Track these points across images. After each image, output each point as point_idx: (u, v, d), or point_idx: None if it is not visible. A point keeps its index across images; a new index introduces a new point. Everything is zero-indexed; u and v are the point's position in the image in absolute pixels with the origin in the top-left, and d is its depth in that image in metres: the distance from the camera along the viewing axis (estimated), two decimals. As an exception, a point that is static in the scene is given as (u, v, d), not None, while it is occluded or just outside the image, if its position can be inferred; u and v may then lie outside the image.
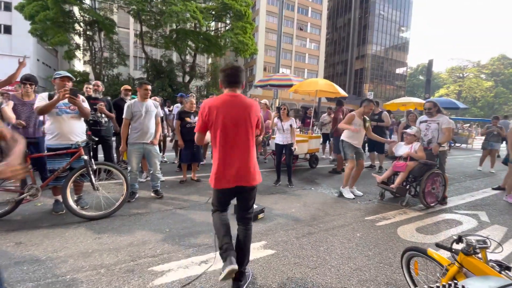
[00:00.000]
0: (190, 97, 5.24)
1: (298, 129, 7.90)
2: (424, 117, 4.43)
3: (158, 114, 3.96)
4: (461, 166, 8.48)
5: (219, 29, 27.74)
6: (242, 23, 22.53)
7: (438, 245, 1.63)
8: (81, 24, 22.05)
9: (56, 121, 3.01)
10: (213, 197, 2.07)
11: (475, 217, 3.77)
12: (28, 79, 3.47)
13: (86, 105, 3.20)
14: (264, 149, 7.26)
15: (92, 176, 3.04)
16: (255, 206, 3.35)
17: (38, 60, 27.57)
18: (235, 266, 1.74)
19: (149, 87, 3.85)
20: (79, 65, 32.82)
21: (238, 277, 1.90)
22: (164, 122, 6.48)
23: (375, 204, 4.20)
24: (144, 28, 23.92)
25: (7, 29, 26.09)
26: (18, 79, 3.62)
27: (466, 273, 1.45)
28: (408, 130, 4.25)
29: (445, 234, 3.14)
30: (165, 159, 6.62)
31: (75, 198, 3.31)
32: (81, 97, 3.14)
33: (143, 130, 3.74)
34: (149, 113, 3.80)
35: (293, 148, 4.93)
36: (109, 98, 5.19)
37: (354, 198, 4.34)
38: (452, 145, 15.14)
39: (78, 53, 23.79)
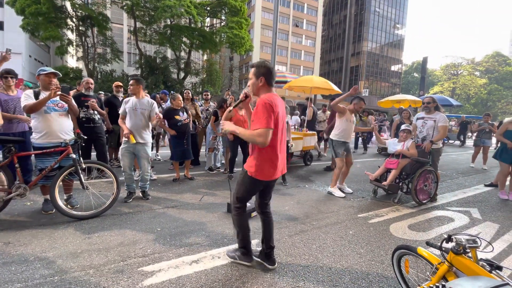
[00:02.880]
0: (176, 94, 5.12)
1: (294, 127, 7.85)
2: (421, 114, 4.43)
3: (153, 112, 3.71)
4: (453, 163, 8.56)
5: (214, 25, 27.46)
6: (237, 18, 22.28)
7: (429, 244, 1.63)
8: (74, 19, 21.60)
9: (44, 119, 2.93)
10: (248, 190, 2.12)
11: (467, 214, 3.80)
12: (9, 72, 3.36)
13: (73, 102, 3.14)
14: None
15: (81, 175, 2.98)
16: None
17: (30, 56, 27.03)
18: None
19: (134, 81, 3.60)
20: (72, 61, 32.25)
21: (272, 248, 2.26)
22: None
23: (368, 201, 4.21)
24: (138, 24, 23.56)
25: (-1, 25, 25.47)
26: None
27: (456, 272, 1.45)
28: (405, 127, 4.25)
29: (437, 231, 3.16)
30: (158, 157, 6.56)
31: (65, 197, 3.26)
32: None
33: (133, 129, 3.58)
34: (140, 111, 3.60)
35: (289, 144, 4.93)
36: (102, 93, 5.10)
37: (345, 196, 4.33)
38: (446, 142, 15.32)
39: (71, 49, 23.34)
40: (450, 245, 1.48)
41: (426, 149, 4.07)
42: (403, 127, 4.28)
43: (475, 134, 8.06)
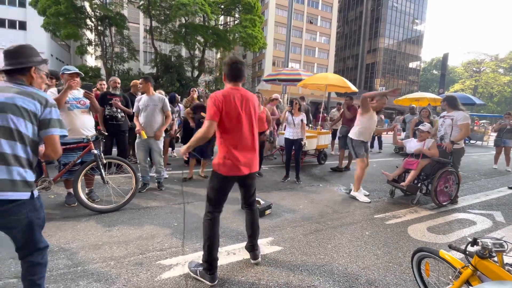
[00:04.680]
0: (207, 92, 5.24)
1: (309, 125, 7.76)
2: (444, 113, 4.30)
3: (165, 107, 3.93)
4: (475, 164, 8.22)
5: (228, 23, 27.56)
6: (251, 16, 22.26)
7: (451, 247, 1.57)
8: (93, 19, 22.29)
9: (68, 116, 3.06)
10: (215, 187, 2.04)
11: (490, 217, 3.65)
12: (51, 73, 3.71)
13: (95, 99, 3.28)
14: (271, 145, 7.23)
15: (102, 170, 3.09)
16: (262, 202, 3.35)
17: (52, 55, 28.17)
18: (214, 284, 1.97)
19: (143, 80, 3.84)
20: (91, 60, 33.33)
21: (254, 246, 2.26)
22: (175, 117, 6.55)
23: (385, 202, 4.12)
24: (154, 23, 23.99)
25: (22, 25, 26.70)
26: None
27: (480, 277, 1.40)
28: (421, 127, 4.13)
29: (458, 234, 3.06)
30: (174, 154, 6.68)
31: (87, 191, 3.39)
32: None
33: (146, 124, 3.82)
34: (152, 107, 3.83)
35: (303, 142, 4.88)
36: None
37: (370, 202, 4.00)
38: (467, 142, 14.72)
39: (90, 49, 24.12)
40: (474, 248, 1.43)
41: (447, 149, 3.93)
42: (419, 126, 4.16)
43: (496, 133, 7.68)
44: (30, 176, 1.39)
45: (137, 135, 3.83)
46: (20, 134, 1.33)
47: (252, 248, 2.26)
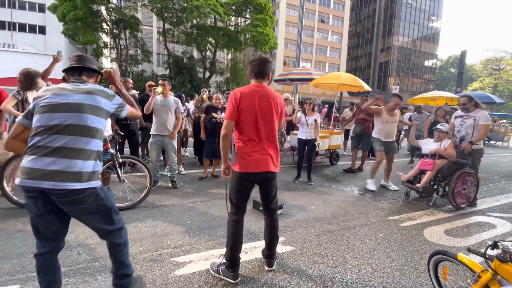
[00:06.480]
0: (217, 93, 5.30)
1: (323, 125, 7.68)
2: (459, 112, 4.15)
3: (178, 109, 4.15)
4: (495, 165, 7.91)
5: (239, 24, 27.68)
6: (262, 16, 22.30)
7: (470, 250, 1.53)
8: (108, 23, 22.94)
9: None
10: (234, 186, 2.04)
11: (511, 221, 3.50)
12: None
13: None
14: (280, 146, 7.19)
15: (118, 169, 3.18)
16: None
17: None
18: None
19: (161, 82, 4.10)
20: (107, 62, 34.30)
21: (271, 256, 2.17)
22: (186, 117, 6.63)
23: (400, 203, 4.03)
24: (167, 25, 24.41)
25: (42, 30, 27.81)
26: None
27: (500, 281, 1.37)
28: (440, 126, 4.00)
29: (477, 238, 2.95)
30: (186, 153, 6.78)
31: (103, 190, 3.49)
32: None
33: (160, 123, 4.01)
34: (167, 107, 4.03)
35: (316, 143, 4.85)
36: (137, 92, 5.41)
37: (374, 191, 4.46)
38: (487, 142, 14.17)
39: (106, 51, 24.83)
40: (494, 252, 1.39)
41: (465, 151, 3.80)
42: (439, 126, 4.04)
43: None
44: (97, 167, 1.52)
45: (156, 92, 3.95)
46: (89, 129, 1.48)
47: (269, 256, 2.17)
